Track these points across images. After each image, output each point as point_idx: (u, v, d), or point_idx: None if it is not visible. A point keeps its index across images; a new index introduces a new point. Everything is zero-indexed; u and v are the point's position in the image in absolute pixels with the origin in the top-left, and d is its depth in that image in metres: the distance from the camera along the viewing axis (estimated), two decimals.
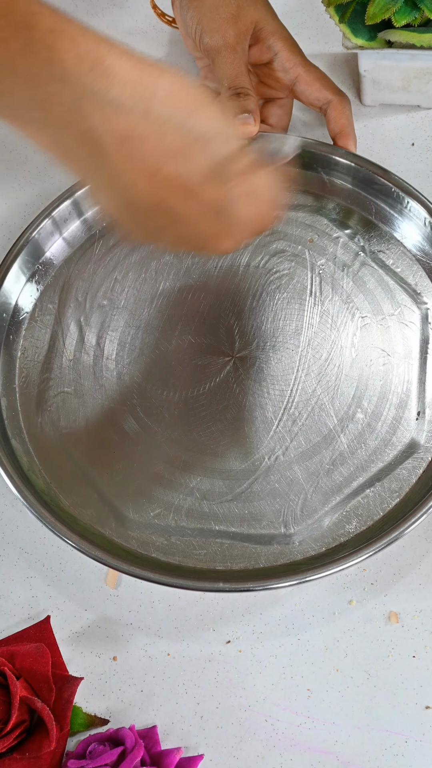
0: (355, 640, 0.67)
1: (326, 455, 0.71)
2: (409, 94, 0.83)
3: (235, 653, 0.67)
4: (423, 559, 0.69)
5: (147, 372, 0.75)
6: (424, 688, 0.65)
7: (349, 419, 0.72)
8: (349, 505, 0.69)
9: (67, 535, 0.67)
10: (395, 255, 0.78)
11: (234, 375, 0.74)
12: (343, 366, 0.74)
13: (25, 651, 0.65)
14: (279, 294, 0.77)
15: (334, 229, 0.79)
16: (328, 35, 0.89)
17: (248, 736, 0.65)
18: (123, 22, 0.92)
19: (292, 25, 0.80)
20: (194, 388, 0.74)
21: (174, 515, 0.70)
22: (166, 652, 0.67)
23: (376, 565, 0.69)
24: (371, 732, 0.64)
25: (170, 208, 0.55)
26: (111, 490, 0.71)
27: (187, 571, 0.68)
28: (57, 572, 0.70)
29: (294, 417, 0.72)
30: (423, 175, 0.82)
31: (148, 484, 0.71)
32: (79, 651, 0.68)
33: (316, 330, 0.75)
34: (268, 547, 0.68)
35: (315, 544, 0.68)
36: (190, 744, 0.65)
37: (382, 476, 0.70)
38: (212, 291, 0.78)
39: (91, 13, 0.93)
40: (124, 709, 0.66)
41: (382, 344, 0.74)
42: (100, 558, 0.66)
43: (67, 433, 0.73)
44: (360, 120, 0.85)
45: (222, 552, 0.69)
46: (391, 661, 0.66)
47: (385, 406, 0.72)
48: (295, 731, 0.65)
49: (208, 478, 0.71)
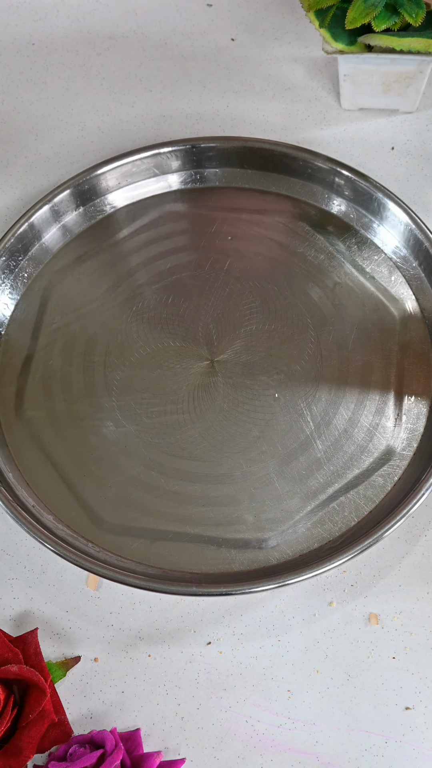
0: (336, 641, 0.67)
1: (302, 461, 0.71)
2: (389, 98, 0.83)
3: (216, 654, 0.67)
4: (402, 561, 0.69)
5: (125, 375, 0.75)
6: (403, 689, 0.66)
7: (325, 425, 0.72)
8: (325, 511, 0.70)
9: (46, 539, 0.67)
10: (374, 260, 0.78)
11: (212, 379, 0.74)
12: (322, 372, 0.74)
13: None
14: (259, 298, 0.77)
15: (314, 233, 0.80)
16: (309, 39, 0.89)
17: (229, 736, 0.65)
18: (105, 27, 0.92)
19: (272, 29, 0.81)
20: (172, 391, 0.74)
21: (150, 518, 0.70)
22: (146, 654, 0.67)
23: (356, 566, 0.69)
24: (351, 732, 0.65)
25: None
26: (88, 492, 0.71)
27: (163, 574, 0.68)
28: (38, 574, 0.70)
29: (271, 422, 0.73)
30: (402, 179, 0.82)
31: (125, 486, 0.71)
32: (61, 652, 0.68)
33: (296, 335, 0.76)
34: (244, 551, 0.69)
35: (290, 550, 0.68)
36: (171, 745, 0.65)
37: (358, 482, 0.70)
38: (191, 294, 0.78)
39: (72, 18, 0.93)
40: (105, 711, 0.66)
41: (361, 350, 0.75)
42: (78, 561, 0.66)
43: (44, 435, 0.73)
44: (339, 124, 0.85)
45: (197, 555, 0.69)
46: (371, 662, 0.67)
47: (362, 412, 0.73)
48: (275, 732, 0.65)
49: (184, 481, 0.71)
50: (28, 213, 0.79)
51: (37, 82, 0.90)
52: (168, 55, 0.91)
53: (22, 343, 0.76)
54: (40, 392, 0.75)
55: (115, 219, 0.82)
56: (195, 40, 0.91)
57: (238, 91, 0.88)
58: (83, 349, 0.76)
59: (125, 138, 0.86)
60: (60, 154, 0.86)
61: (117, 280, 0.79)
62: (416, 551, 0.70)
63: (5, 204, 0.84)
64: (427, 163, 0.83)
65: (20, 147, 0.87)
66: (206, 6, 0.93)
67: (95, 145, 0.86)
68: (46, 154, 0.86)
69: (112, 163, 0.81)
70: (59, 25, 0.93)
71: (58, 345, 0.76)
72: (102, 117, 0.88)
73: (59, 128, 0.87)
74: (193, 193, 0.83)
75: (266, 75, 0.89)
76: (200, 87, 0.89)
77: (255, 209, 0.81)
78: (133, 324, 0.77)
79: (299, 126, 0.86)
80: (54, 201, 0.80)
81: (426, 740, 0.64)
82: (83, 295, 0.78)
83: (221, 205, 0.82)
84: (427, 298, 0.76)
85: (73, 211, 0.81)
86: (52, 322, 0.77)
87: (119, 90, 0.89)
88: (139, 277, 0.79)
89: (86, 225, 0.81)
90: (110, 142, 0.86)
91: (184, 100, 0.88)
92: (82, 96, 0.89)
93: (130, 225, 0.81)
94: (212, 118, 0.87)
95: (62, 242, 0.81)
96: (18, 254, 0.79)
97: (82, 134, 0.87)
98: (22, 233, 0.78)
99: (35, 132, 0.87)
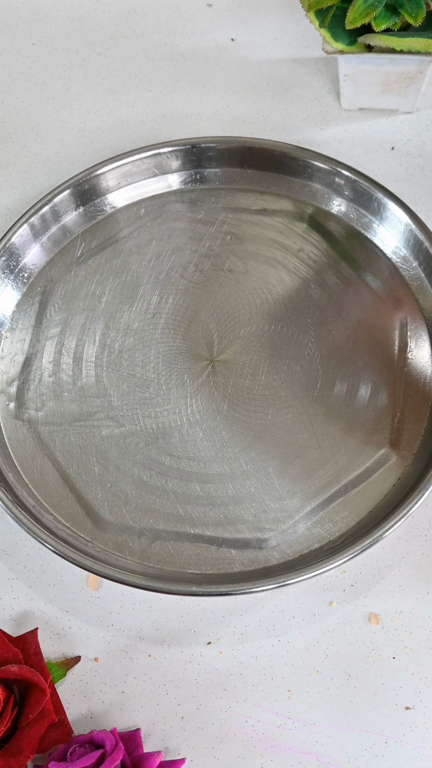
0: (336, 641, 0.67)
1: (302, 461, 0.71)
2: (389, 98, 0.83)
3: (216, 654, 0.67)
4: (402, 560, 0.69)
5: (126, 375, 0.75)
6: (403, 688, 0.66)
7: (325, 425, 0.72)
8: (325, 511, 0.70)
9: (46, 539, 0.67)
10: (374, 260, 0.78)
11: (212, 379, 0.74)
12: (321, 372, 0.74)
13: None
14: (259, 298, 0.77)
15: (314, 233, 0.80)
16: (309, 39, 0.89)
17: (229, 736, 0.65)
18: (105, 27, 0.92)
19: (272, 29, 0.81)
20: (172, 391, 0.74)
21: (150, 518, 0.70)
22: (146, 654, 0.67)
23: (356, 566, 0.69)
24: (351, 732, 0.65)
25: None
26: (88, 492, 0.71)
27: (163, 574, 0.68)
28: (38, 574, 0.70)
29: (271, 422, 0.73)
30: (403, 180, 0.82)
31: (125, 487, 0.71)
32: (61, 652, 0.68)
33: (296, 335, 0.76)
34: (244, 551, 0.69)
35: (290, 550, 0.68)
36: (171, 745, 0.65)
37: (358, 482, 0.70)
38: (191, 294, 0.78)
39: (72, 18, 0.93)
40: (106, 711, 0.66)
41: (361, 350, 0.75)
42: (78, 561, 0.66)
43: (44, 434, 0.73)
44: (340, 124, 0.85)
45: (197, 555, 0.69)
46: (371, 662, 0.67)
47: (362, 412, 0.73)
48: (275, 732, 0.65)
49: (184, 481, 0.71)
50: (28, 213, 0.79)
51: (37, 82, 0.90)
52: (168, 55, 0.91)
53: (22, 343, 0.76)
54: (40, 392, 0.75)
55: (115, 219, 0.82)
56: (195, 40, 0.91)
57: (238, 91, 0.88)
58: (83, 349, 0.76)
59: (125, 138, 0.86)
60: (60, 154, 0.86)
61: (117, 280, 0.79)
62: (416, 551, 0.70)
63: (5, 204, 0.84)
64: (427, 163, 0.83)
65: (20, 147, 0.87)
66: (206, 6, 0.93)
67: (95, 145, 0.86)
68: (46, 154, 0.86)
69: (112, 163, 0.81)
70: (59, 25, 0.93)
71: (57, 345, 0.76)
72: (102, 117, 0.88)
73: (59, 128, 0.87)
74: (193, 193, 0.83)
75: (266, 75, 0.89)
76: (200, 87, 0.89)
77: (255, 209, 0.81)
78: (133, 324, 0.77)
79: (299, 126, 0.86)
80: (54, 201, 0.80)
81: (426, 740, 0.64)
82: (83, 295, 0.78)
83: (221, 205, 0.82)
84: (427, 298, 0.76)
85: (73, 211, 0.81)
86: (52, 322, 0.77)
87: (119, 90, 0.89)
88: (139, 277, 0.79)
89: (86, 225, 0.81)
90: (110, 142, 0.86)
91: (184, 100, 0.88)
92: (82, 96, 0.89)
93: (130, 225, 0.81)
94: (212, 118, 0.87)
95: (62, 242, 0.81)
96: (18, 254, 0.79)
97: (82, 134, 0.87)
98: (22, 233, 0.78)
99: (35, 132, 0.87)
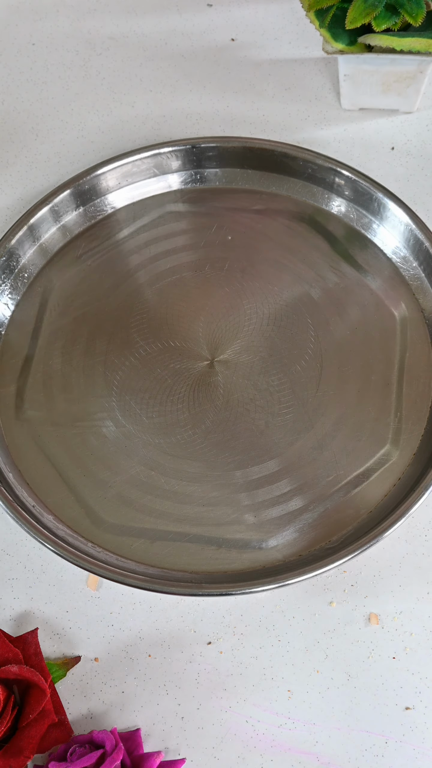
0: (336, 641, 0.67)
1: (303, 461, 0.71)
2: (389, 98, 0.83)
3: (216, 654, 0.67)
4: (403, 561, 0.69)
5: (125, 375, 0.75)
6: (404, 689, 0.66)
7: (325, 425, 0.72)
8: (324, 511, 0.70)
9: (46, 539, 0.67)
10: (374, 260, 0.78)
11: (212, 379, 0.74)
12: (322, 372, 0.74)
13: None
14: (259, 298, 0.77)
15: (314, 233, 0.80)
16: (309, 40, 0.89)
17: (229, 736, 0.65)
18: (105, 27, 0.92)
19: (272, 29, 0.81)
20: (172, 391, 0.74)
21: (150, 518, 0.70)
22: (147, 653, 0.67)
23: (356, 567, 0.69)
24: (351, 733, 0.65)
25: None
26: (88, 492, 0.71)
27: (163, 574, 0.68)
28: (38, 574, 0.70)
29: (271, 422, 0.73)
30: (403, 180, 0.82)
31: (125, 487, 0.71)
32: (61, 652, 0.68)
33: (296, 335, 0.76)
34: (244, 551, 0.69)
35: (290, 550, 0.68)
36: (171, 745, 0.65)
37: (358, 482, 0.70)
38: (191, 294, 0.78)
39: (72, 18, 0.93)
40: (106, 711, 0.66)
41: (361, 350, 0.75)
42: (78, 561, 0.66)
43: (44, 435, 0.73)
44: (340, 124, 0.85)
45: (197, 556, 0.69)
46: (371, 662, 0.67)
47: (362, 413, 0.73)
48: (275, 732, 0.65)
49: (184, 481, 0.71)
50: (28, 213, 0.79)
51: (37, 82, 0.90)
52: (168, 55, 0.91)
53: (22, 343, 0.76)
54: (40, 392, 0.75)
55: (115, 219, 0.82)
56: (195, 40, 0.91)
57: (238, 91, 0.88)
58: (83, 349, 0.76)
59: (125, 138, 0.86)
60: (60, 154, 0.86)
61: (117, 280, 0.79)
62: (416, 551, 0.70)
63: (5, 204, 0.84)
64: (427, 163, 0.83)
65: (20, 147, 0.87)
66: (206, 6, 0.93)
67: (95, 145, 0.86)
68: (46, 154, 0.86)
69: (112, 163, 0.81)
70: (59, 25, 0.93)
71: (58, 345, 0.76)
72: (102, 117, 0.88)
73: (59, 128, 0.87)
74: (193, 193, 0.83)
75: (266, 75, 0.89)
76: (200, 87, 0.89)
77: (255, 209, 0.81)
78: (133, 324, 0.77)
79: (299, 126, 0.86)
80: (54, 201, 0.80)
81: (426, 740, 0.64)
82: (83, 295, 0.78)
83: (221, 205, 0.82)
84: (427, 298, 0.76)
85: (73, 211, 0.81)
86: (52, 323, 0.77)
87: (119, 90, 0.89)
88: (139, 277, 0.79)
89: (86, 225, 0.81)
90: (110, 142, 0.86)
91: (184, 100, 0.88)
92: (82, 96, 0.89)
93: (130, 225, 0.81)
94: (212, 118, 0.87)
95: (62, 242, 0.81)
96: (18, 254, 0.79)
97: (82, 134, 0.87)
98: (22, 233, 0.78)
99: (35, 132, 0.87)
